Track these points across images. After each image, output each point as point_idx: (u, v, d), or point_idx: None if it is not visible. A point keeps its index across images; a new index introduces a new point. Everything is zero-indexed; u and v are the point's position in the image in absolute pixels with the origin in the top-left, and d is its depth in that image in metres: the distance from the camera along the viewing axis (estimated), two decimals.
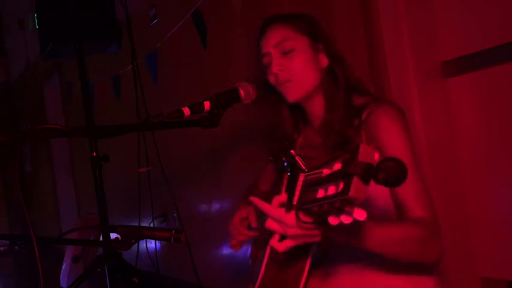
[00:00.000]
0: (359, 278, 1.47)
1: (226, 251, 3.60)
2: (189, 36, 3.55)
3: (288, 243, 1.19)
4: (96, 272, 1.77)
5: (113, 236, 1.58)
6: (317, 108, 1.54)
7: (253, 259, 1.74)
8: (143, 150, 3.20)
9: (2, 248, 8.68)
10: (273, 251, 1.43)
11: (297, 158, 1.15)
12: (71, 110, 6.40)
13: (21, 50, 7.75)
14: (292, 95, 1.50)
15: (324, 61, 1.52)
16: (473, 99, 2.09)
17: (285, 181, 1.45)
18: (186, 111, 1.36)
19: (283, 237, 1.19)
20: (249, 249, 1.76)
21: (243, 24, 3.12)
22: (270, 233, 1.48)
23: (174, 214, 3.92)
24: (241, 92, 1.47)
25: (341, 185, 0.88)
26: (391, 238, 1.24)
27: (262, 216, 1.70)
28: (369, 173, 0.86)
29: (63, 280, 4.75)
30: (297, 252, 1.33)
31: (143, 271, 3.90)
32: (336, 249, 1.47)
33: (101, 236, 2.40)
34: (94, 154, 2.48)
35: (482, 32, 2.03)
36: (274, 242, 1.20)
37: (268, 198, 1.77)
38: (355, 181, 0.86)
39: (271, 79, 1.52)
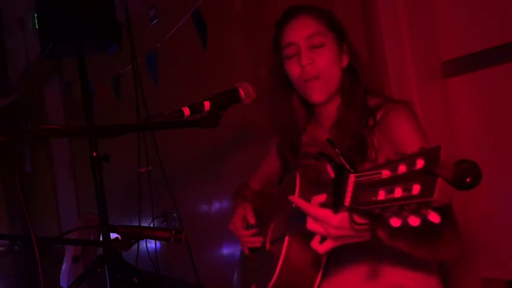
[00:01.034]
0: (373, 276, 1.47)
1: (226, 251, 3.60)
2: (189, 36, 3.55)
3: (329, 245, 1.16)
4: (96, 272, 1.77)
5: (113, 236, 1.57)
6: (330, 108, 1.52)
7: (248, 259, 1.73)
8: (143, 150, 3.19)
9: (2, 248, 8.68)
10: (289, 251, 1.42)
11: (341, 158, 1.11)
12: (71, 110, 6.40)
13: (21, 50, 7.76)
14: (319, 95, 1.47)
15: (345, 61, 1.51)
16: (473, 99, 2.09)
17: (298, 181, 1.44)
18: (186, 111, 1.35)
19: (323, 238, 1.16)
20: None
21: (243, 24, 3.12)
22: (279, 233, 1.47)
23: (174, 214, 3.92)
24: (241, 92, 1.47)
25: (416, 187, 0.84)
26: (424, 237, 1.21)
27: (261, 216, 1.70)
28: (458, 176, 0.82)
29: (63, 280, 4.75)
30: (311, 254, 1.32)
31: (143, 271, 3.90)
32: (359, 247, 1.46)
33: (101, 236, 2.39)
34: (94, 154, 2.48)
35: (482, 32, 2.03)
36: (315, 243, 1.17)
37: (261, 197, 1.77)
38: (440, 183, 0.82)
39: (295, 70, 1.49)
